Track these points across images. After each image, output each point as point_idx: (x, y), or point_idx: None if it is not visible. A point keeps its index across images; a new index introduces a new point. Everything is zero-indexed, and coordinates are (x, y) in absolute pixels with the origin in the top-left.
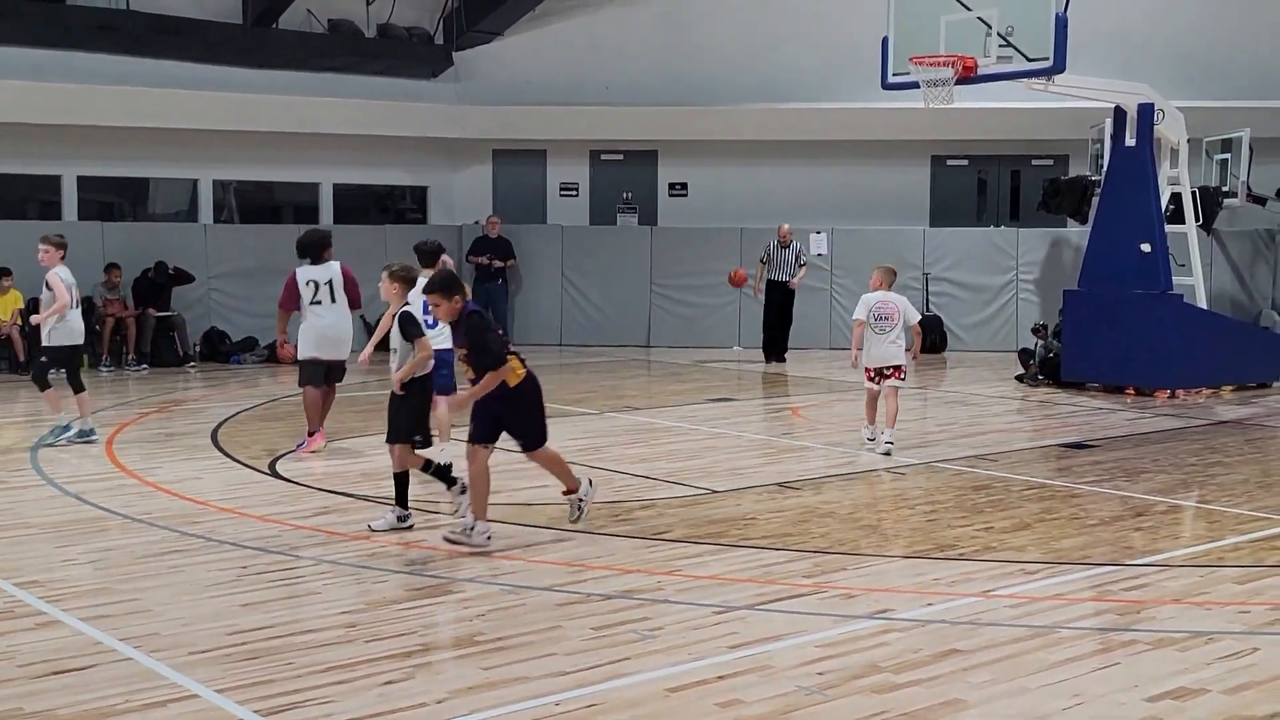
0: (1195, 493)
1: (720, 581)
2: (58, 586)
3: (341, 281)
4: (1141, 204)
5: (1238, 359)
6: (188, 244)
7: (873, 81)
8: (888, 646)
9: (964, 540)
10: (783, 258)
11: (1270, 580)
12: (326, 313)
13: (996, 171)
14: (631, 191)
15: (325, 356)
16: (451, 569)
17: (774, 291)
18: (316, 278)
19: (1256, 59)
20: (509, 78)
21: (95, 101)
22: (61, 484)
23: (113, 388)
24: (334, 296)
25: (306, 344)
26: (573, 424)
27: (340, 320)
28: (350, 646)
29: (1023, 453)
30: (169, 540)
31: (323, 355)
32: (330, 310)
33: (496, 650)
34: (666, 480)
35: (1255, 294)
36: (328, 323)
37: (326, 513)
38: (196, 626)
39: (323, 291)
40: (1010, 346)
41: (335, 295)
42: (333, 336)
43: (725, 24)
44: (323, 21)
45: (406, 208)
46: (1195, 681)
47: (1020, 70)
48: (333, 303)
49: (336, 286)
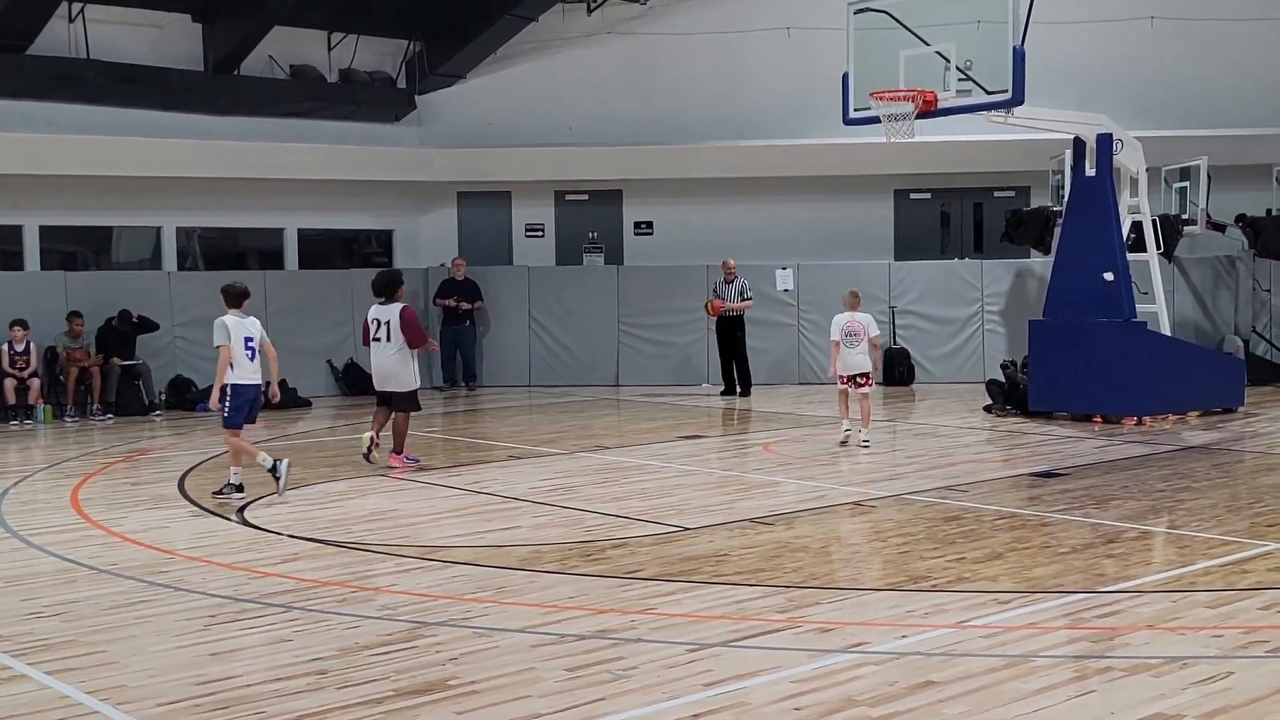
0: (1165, 518)
1: (694, 619)
2: (23, 640)
3: (398, 323)
4: (1103, 233)
5: (1202, 385)
6: (152, 292)
7: (834, 117)
8: (863, 680)
9: (937, 571)
10: (728, 292)
11: (1242, 604)
12: (380, 350)
13: (959, 204)
14: (597, 231)
15: (378, 387)
16: (423, 613)
17: (722, 327)
18: (380, 316)
19: (1211, 88)
20: (472, 120)
21: (57, 151)
22: (26, 536)
23: (78, 438)
24: (389, 335)
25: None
26: (543, 464)
27: (386, 358)
28: (321, 694)
29: (993, 483)
30: (136, 590)
31: (377, 386)
32: (382, 348)
33: (470, 694)
34: (638, 518)
35: (1218, 320)
36: (378, 359)
37: (295, 559)
38: (165, 677)
39: (382, 330)
40: (977, 377)
41: (391, 334)
42: (381, 371)
43: (687, 63)
44: (285, 67)
45: (372, 252)
46: (1171, 707)
47: (980, 103)
48: (388, 341)
49: (393, 327)
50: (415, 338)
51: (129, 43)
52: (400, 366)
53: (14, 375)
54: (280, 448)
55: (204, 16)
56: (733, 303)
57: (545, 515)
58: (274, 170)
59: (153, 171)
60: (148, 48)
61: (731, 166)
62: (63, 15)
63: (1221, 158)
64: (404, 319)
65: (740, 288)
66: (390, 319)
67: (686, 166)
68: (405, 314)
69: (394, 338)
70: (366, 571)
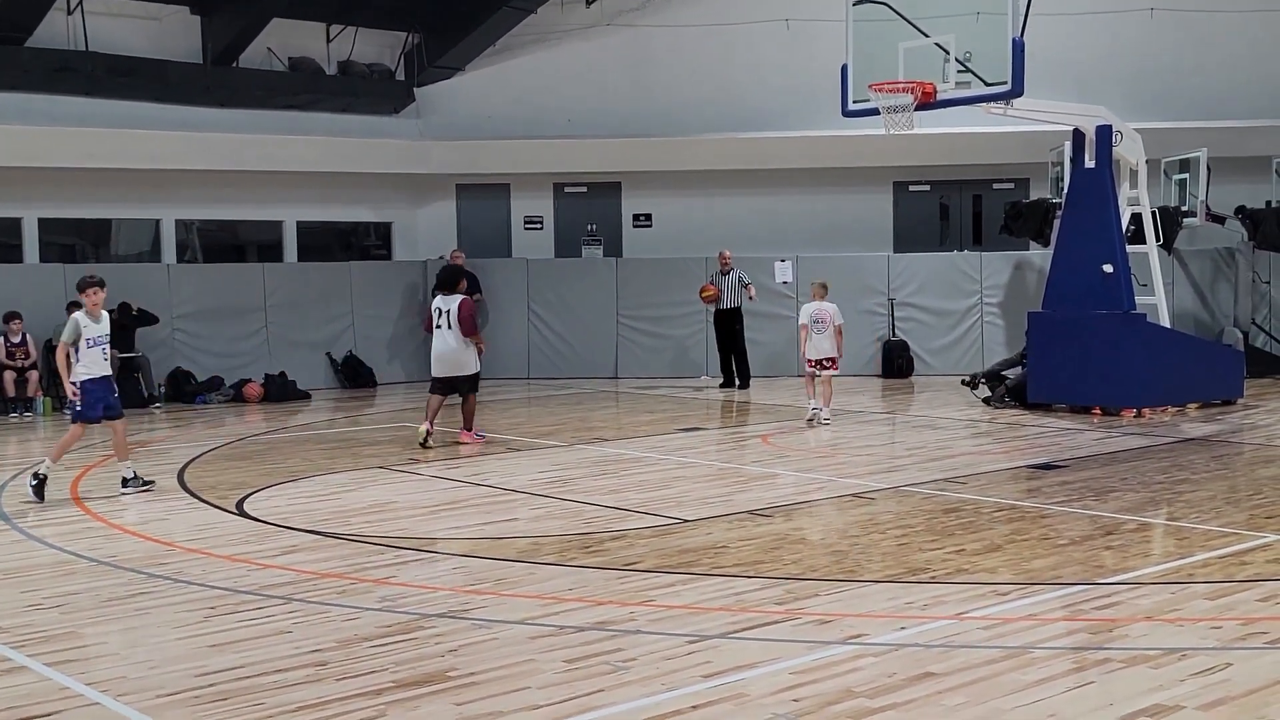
0: (1164, 510)
1: (693, 611)
2: (23, 632)
3: (456, 313)
4: (1103, 225)
5: (1202, 377)
6: (151, 285)
7: (833, 109)
8: (862, 671)
9: (935, 563)
10: (725, 284)
11: (1241, 595)
12: (442, 336)
13: (958, 196)
14: (596, 223)
15: (436, 373)
16: (422, 605)
17: (721, 319)
18: (443, 306)
19: (1210, 80)
20: (471, 112)
21: (55, 144)
22: (26, 529)
23: None
24: (450, 324)
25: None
26: (542, 456)
27: (445, 345)
28: (321, 685)
29: (992, 475)
30: (136, 582)
31: (435, 371)
32: (444, 335)
33: (469, 685)
34: (637, 511)
35: (1217, 312)
36: (441, 346)
37: (294, 551)
38: (165, 669)
39: (444, 318)
40: (976, 370)
41: (452, 323)
42: (445, 357)
43: (686, 55)
44: (283, 60)
45: (371, 244)
46: (1170, 698)
47: (979, 95)
48: (449, 329)
49: (452, 316)
50: (467, 328)
51: (127, 35)
52: (463, 352)
53: (12, 367)
54: (280, 440)
55: (202, 9)
56: (733, 294)
57: (544, 507)
58: (273, 163)
59: (151, 164)
60: (146, 40)
61: (731, 159)
62: (61, 8)
63: (1221, 150)
64: (461, 310)
65: (737, 278)
66: (451, 308)
67: (685, 159)
68: (463, 306)
69: (453, 326)
70: (365, 563)
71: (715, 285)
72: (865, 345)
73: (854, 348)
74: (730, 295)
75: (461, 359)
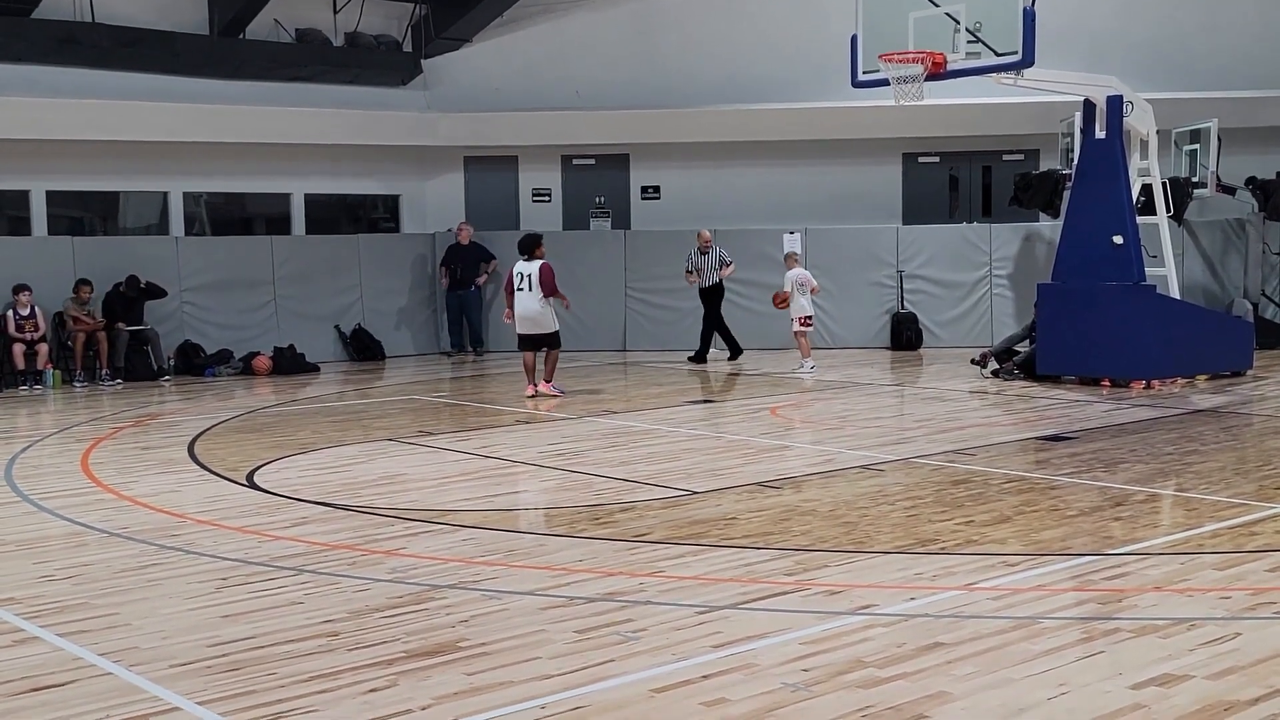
0: (1173, 481)
1: (703, 582)
2: (35, 603)
3: (538, 276)
4: (1113, 196)
5: (1211, 348)
6: (159, 257)
7: (842, 80)
8: (872, 642)
9: (945, 534)
10: (705, 263)
11: (1250, 565)
12: (523, 298)
13: (968, 167)
14: (604, 195)
15: (521, 331)
16: (433, 576)
17: (704, 296)
18: (523, 270)
19: (1221, 50)
20: (478, 84)
21: (61, 116)
22: (38, 500)
23: (87, 402)
24: (531, 286)
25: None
26: (551, 428)
27: (526, 306)
28: (333, 655)
29: (1001, 446)
30: (147, 554)
31: (521, 329)
32: (526, 296)
33: (480, 655)
34: (646, 482)
35: (1227, 283)
36: (523, 306)
37: (305, 523)
38: (177, 639)
39: (525, 281)
40: (985, 342)
41: (532, 285)
42: (527, 315)
43: (694, 26)
44: (290, 31)
45: (379, 216)
46: (1179, 668)
47: (989, 65)
48: (530, 290)
49: (534, 279)
50: (549, 288)
51: (133, 6)
52: (543, 312)
53: (20, 340)
54: (289, 412)
55: None
56: (713, 272)
57: (553, 479)
58: (280, 135)
59: (158, 136)
60: (153, 11)
61: (739, 130)
62: None
63: (1232, 120)
64: (543, 273)
65: (718, 257)
66: (531, 272)
67: (694, 130)
68: (544, 269)
69: (534, 288)
70: (376, 535)
71: (694, 265)
72: (874, 317)
73: (863, 320)
74: (711, 276)
75: (543, 318)
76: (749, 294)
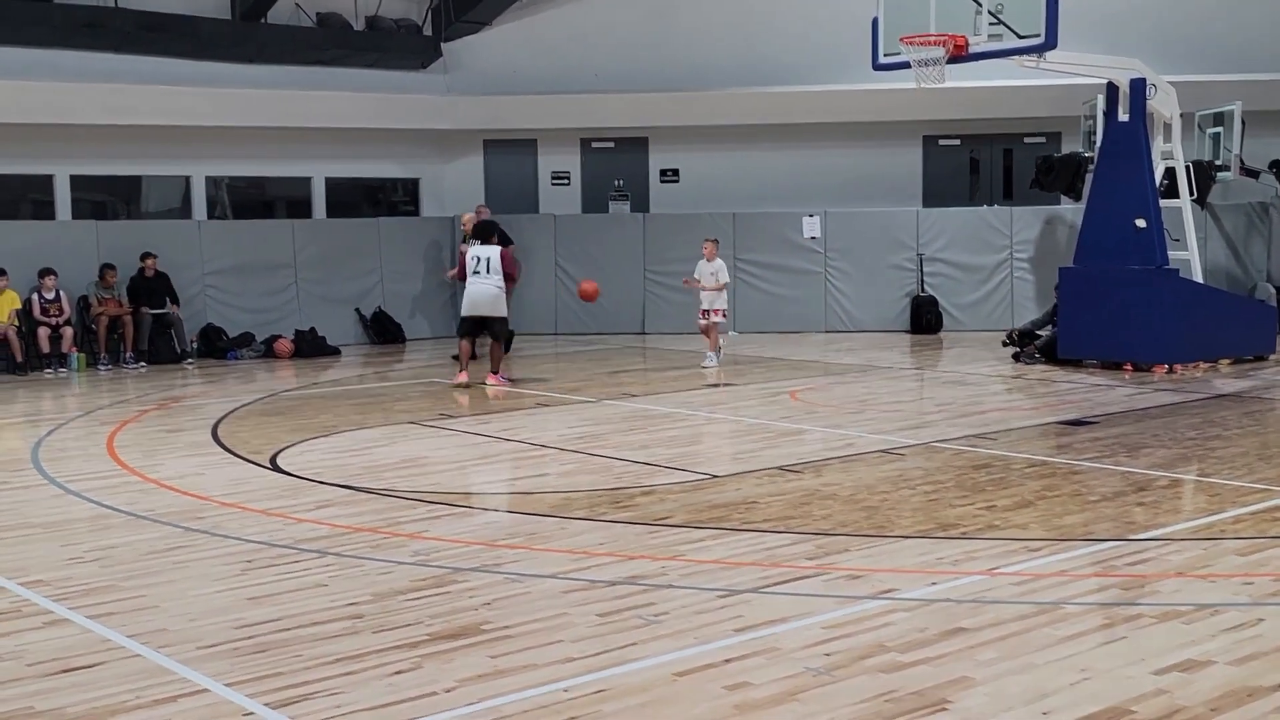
0: (1195, 466)
1: (724, 565)
2: (64, 585)
3: (498, 262)
4: (1136, 179)
5: (1234, 332)
6: (182, 241)
7: (863, 63)
8: (893, 626)
9: (966, 519)
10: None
11: (1273, 551)
12: (476, 282)
13: (989, 150)
14: (623, 179)
15: (467, 312)
16: (455, 559)
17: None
18: (480, 254)
19: (1244, 32)
20: (498, 67)
21: (85, 100)
22: (64, 483)
23: (111, 386)
24: (489, 269)
25: (463, 303)
26: (570, 411)
27: (481, 289)
28: (358, 638)
29: (1022, 431)
30: (173, 536)
31: (466, 311)
32: (483, 279)
33: (503, 638)
34: (666, 466)
35: (1250, 267)
36: (478, 289)
37: (329, 505)
38: (204, 621)
39: (482, 265)
40: (1006, 325)
41: (490, 268)
42: (482, 299)
43: (714, 8)
44: (311, 15)
45: (398, 200)
46: (1201, 654)
47: (1011, 48)
48: (486, 274)
49: (493, 263)
50: (512, 270)
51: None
52: (499, 297)
53: (46, 324)
54: (311, 395)
55: None
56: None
57: (574, 462)
58: (301, 119)
59: (181, 120)
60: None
61: (758, 113)
62: None
63: (1255, 103)
64: (504, 256)
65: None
66: (490, 256)
67: (713, 113)
68: (505, 254)
69: (493, 272)
70: (398, 518)
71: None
72: (894, 300)
73: (882, 303)
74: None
75: (498, 302)
76: (766, 277)
